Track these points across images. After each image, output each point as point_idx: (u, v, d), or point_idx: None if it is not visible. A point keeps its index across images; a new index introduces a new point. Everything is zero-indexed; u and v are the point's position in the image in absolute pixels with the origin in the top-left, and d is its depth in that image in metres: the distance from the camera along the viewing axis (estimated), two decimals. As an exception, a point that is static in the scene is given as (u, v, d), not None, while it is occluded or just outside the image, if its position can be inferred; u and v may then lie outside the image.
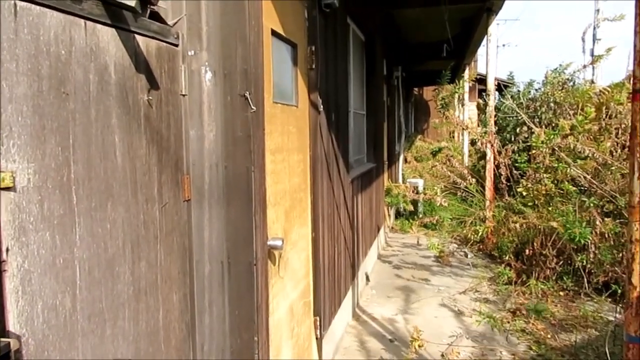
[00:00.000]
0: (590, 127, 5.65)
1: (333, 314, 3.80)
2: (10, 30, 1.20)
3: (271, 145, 2.32)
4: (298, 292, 2.83)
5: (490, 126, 6.95)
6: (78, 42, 1.41)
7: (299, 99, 2.90)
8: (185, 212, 1.95)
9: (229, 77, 1.95)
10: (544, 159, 5.59)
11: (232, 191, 1.98)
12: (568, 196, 5.40)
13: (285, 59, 2.71)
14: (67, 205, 1.36)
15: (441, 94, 11.19)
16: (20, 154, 1.23)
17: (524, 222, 5.52)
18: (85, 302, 1.42)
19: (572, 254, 5.14)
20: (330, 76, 3.74)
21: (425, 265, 6.49)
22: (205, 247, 2.01)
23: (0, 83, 1.18)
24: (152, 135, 1.74)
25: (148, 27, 1.71)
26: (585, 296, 5.03)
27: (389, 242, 7.78)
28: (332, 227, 3.78)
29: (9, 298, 1.20)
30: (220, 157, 1.98)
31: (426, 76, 12.33)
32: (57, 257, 1.33)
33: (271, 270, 2.32)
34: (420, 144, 14.41)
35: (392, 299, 5.22)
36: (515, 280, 5.38)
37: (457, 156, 11.03)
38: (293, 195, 2.74)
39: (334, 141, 3.85)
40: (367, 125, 6.18)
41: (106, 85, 1.52)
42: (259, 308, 2.05)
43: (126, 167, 1.60)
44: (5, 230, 1.19)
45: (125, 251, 1.59)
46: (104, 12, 1.49)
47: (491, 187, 6.88)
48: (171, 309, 1.85)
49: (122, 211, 1.58)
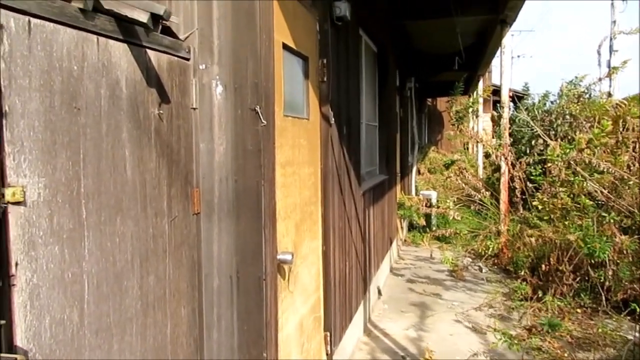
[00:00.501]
0: (607, 140, 5.56)
1: (344, 329, 3.76)
2: (24, 47, 1.22)
3: (281, 158, 2.32)
4: (308, 307, 2.81)
5: (504, 139, 6.88)
6: (90, 58, 1.42)
7: (310, 112, 2.89)
8: (194, 226, 1.95)
9: (239, 91, 1.96)
10: (560, 173, 5.51)
11: (241, 205, 1.97)
12: (585, 210, 5.30)
13: (296, 72, 2.72)
14: (76, 219, 1.37)
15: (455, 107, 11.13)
16: (31, 169, 1.24)
17: (540, 236, 5.42)
18: (93, 316, 1.42)
19: (590, 270, 5.03)
20: (342, 88, 3.74)
21: (438, 279, 6.40)
22: (214, 261, 2.00)
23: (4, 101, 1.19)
24: (163, 148, 1.74)
25: (160, 42, 1.73)
26: (604, 314, 4.90)
27: (402, 255, 7.70)
28: (343, 240, 3.75)
29: (17, 312, 1.20)
30: (230, 170, 1.97)
31: (440, 87, 12.29)
32: (66, 272, 1.33)
33: (281, 284, 2.30)
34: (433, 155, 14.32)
35: (405, 314, 5.15)
36: (531, 296, 5.28)
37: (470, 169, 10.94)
38: (303, 209, 2.73)
39: (346, 153, 3.84)
40: (380, 136, 6.17)
41: (117, 99, 1.53)
42: (268, 323, 2.03)
43: (136, 181, 1.61)
44: (14, 244, 1.19)
45: (133, 265, 1.59)
46: (117, 28, 1.51)
47: (506, 200, 6.79)
48: (179, 324, 1.84)
49: (131, 225, 1.58)
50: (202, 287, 1.99)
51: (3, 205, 1.16)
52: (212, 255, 2.00)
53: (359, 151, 4.55)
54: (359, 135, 4.63)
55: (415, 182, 10.55)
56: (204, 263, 1.99)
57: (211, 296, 2.00)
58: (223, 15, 1.95)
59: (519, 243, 5.96)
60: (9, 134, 1.18)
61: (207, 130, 1.97)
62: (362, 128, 4.80)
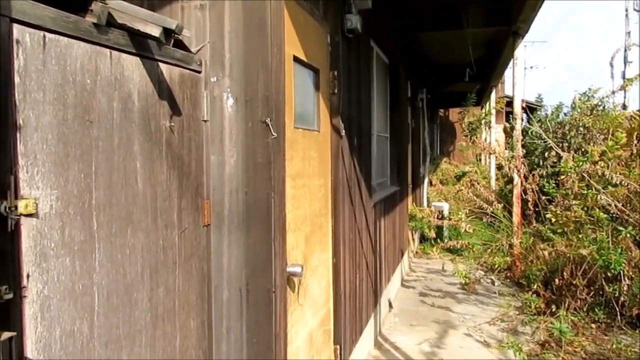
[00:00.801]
0: (621, 153, 5.49)
1: (354, 342, 3.72)
2: (39, 61, 1.24)
3: (292, 170, 2.32)
4: (318, 320, 2.79)
5: (517, 150, 6.83)
6: (103, 71, 1.44)
7: (320, 124, 2.90)
8: (204, 238, 1.95)
9: (250, 104, 1.97)
10: (573, 185, 5.44)
11: (251, 217, 1.97)
12: (599, 224, 5.22)
13: (307, 84, 2.73)
14: (87, 231, 1.38)
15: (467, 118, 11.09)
16: (43, 181, 1.25)
17: (553, 250, 5.35)
18: (103, 328, 1.42)
19: (604, 284, 4.95)
20: (352, 100, 3.74)
21: (450, 292, 6.33)
22: (224, 273, 2.00)
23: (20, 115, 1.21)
24: (173, 161, 1.75)
25: (172, 55, 1.75)
26: (618, 329, 4.81)
27: (413, 268, 7.64)
28: (354, 252, 3.73)
29: (28, 324, 1.20)
30: (241, 182, 1.98)
31: (452, 98, 12.24)
32: (77, 283, 1.34)
33: (290, 297, 2.29)
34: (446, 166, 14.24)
35: (416, 327, 5.09)
36: (544, 310, 5.19)
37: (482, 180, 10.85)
38: (313, 221, 2.72)
39: (356, 165, 3.83)
40: (391, 147, 6.15)
41: (129, 112, 1.54)
42: (277, 336, 2.02)
43: (147, 193, 1.62)
44: (26, 256, 1.20)
45: (143, 277, 1.60)
46: (129, 42, 1.53)
47: (518, 212, 6.72)
48: (188, 336, 1.84)
49: (141, 237, 1.59)
50: (212, 299, 1.99)
51: (16, 217, 1.17)
52: (222, 267, 2.00)
53: (369, 162, 4.54)
54: (370, 147, 4.63)
55: (427, 194, 10.49)
56: (214, 275, 1.99)
57: (220, 308, 2.00)
58: (234, 29, 1.97)
59: (532, 256, 5.89)
60: (23, 146, 1.19)
61: (218, 143, 1.98)
62: (373, 139, 4.79)
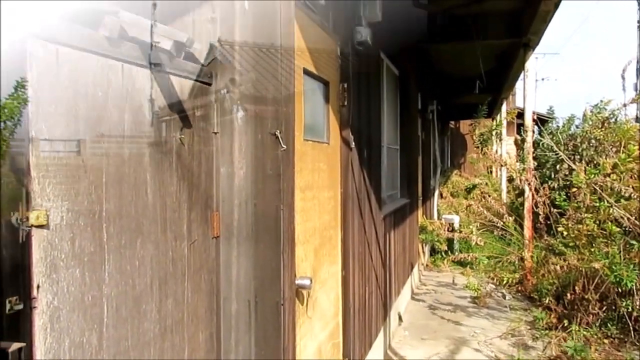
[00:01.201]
0: (634, 166, 5.43)
1: (363, 355, 3.69)
2: (52, 74, 1.26)
3: (301, 182, 2.32)
4: (327, 333, 2.77)
5: (528, 163, 6.78)
6: (115, 84, 1.46)
7: (330, 136, 2.90)
8: (213, 249, 1.95)
9: (260, 116, 1.98)
10: (585, 198, 5.39)
11: (260, 229, 1.97)
12: (612, 237, 5.15)
13: (316, 97, 2.74)
14: (97, 242, 1.38)
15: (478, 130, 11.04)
16: (55, 193, 1.26)
17: (565, 264, 5.28)
18: (112, 340, 1.42)
19: (617, 298, 4.87)
20: (362, 112, 3.75)
21: (461, 305, 6.27)
22: (232, 285, 1.99)
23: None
24: (183, 172, 1.76)
25: (182, 68, 1.76)
26: (632, 345, 4.72)
27: (423, 281, 7.58)
28: (363, 265, 3.71)
29: (37, 335, 1.21)
30: (250, 194, 1.98)
31: (463, 109, 12.22)
32: (86, 295, 1.34)
33: (299, 310, 2.28)
34: (456, 179, 14.16)
35: (426, 341, 5.04)
36: (556, 325, 5.11)
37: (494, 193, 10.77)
38: (323, 233, 2.72)
39: (366, 177, 3.82)
40: (401, 160, 6.14)
41: (140, 124, 1.56)
42: (286, 349, 2.01)
43: (156, 205, 1.62)
44: (37, 267, 1.21)
45: (152, 288, 1.60)
46: (141, 55, 1.55)
47: (530, 226, 6.65)
48: (197, 349, 1.83)
49: (151, 248, 1.59)
50: (221, 312, 1.98)
51: (27, 228, 1.18)
52: (231, 279, 1.99)
53: (379, 175, 4.53)
54: (380, 159, 4.62)
55: (438, 206, 10.43)
56: (223, 287, 1.99)
57: (229, 321, 1.99)
58: (245, 42, 1.98)
59: (544, 270, 5.82)
60: (35, 158, 1.20)
61: (228, 154, 1.99)
62: (383, 151, 4.79)
